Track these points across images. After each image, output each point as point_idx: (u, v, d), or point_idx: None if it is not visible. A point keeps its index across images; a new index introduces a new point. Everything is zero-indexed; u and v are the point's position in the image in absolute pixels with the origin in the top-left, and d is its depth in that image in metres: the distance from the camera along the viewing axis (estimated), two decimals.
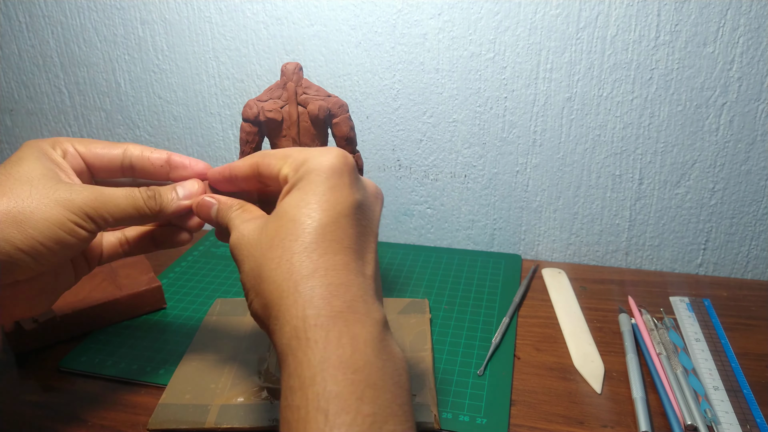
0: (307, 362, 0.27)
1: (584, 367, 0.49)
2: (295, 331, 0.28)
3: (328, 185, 0.31)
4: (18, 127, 0.80)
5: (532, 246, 0.70)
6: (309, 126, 0.43)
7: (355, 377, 0.27)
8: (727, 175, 0.61)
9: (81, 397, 0.47)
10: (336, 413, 0.26)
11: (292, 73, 0.42)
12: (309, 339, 0.27)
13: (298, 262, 0.29)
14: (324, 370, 0.27)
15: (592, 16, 0.58)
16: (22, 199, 0.33)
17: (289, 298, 0.29)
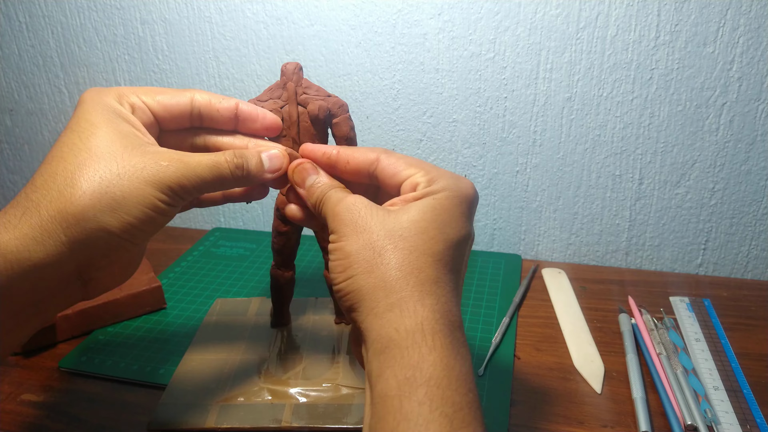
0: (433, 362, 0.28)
1: (584, 367, 0.49)
2: (420, 326, 0.29)
3: (460, 210, 0.33)
4: (18, 127, 0.80)
5: (532, 246, 0.70)
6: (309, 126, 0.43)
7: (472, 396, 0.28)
8: (727, 175, 0.61)
9: (81, 397, 0.47)
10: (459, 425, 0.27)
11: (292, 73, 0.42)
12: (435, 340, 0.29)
13: (425, 265, 0.31)
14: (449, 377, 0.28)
15: (592, 16, 0.58)
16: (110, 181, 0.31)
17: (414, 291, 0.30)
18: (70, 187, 0.31)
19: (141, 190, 0.32)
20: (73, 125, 0.34)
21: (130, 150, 0.33)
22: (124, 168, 0.32)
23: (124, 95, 0.36)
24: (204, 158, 0.34)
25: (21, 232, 0.30)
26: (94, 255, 0.32)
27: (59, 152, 0.33)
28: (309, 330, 0.52)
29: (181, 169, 0.33)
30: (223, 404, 0.44)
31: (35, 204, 0.31)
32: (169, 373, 0.48)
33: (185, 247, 0.72)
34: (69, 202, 0.31)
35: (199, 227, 0.79)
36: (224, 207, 0.77)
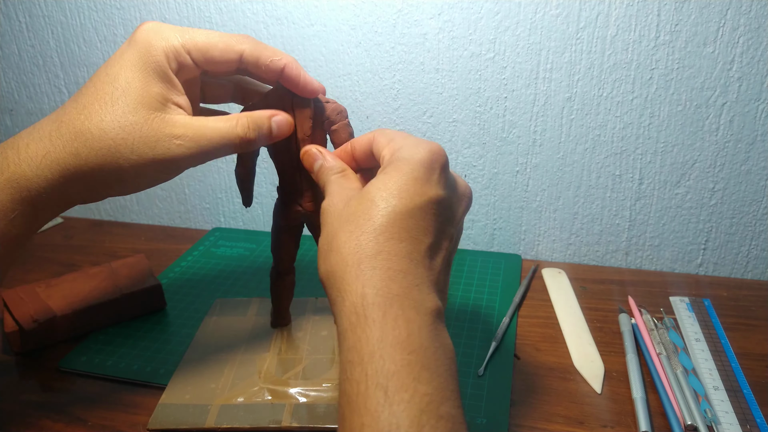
0: (366, 339, 0.28)
1: (584, 367, 0.49)
2: (354, 307, 0.30)
3: (412, 176, 0.32)
4: (18, 127, 0.80)
5: (532, 246, 0.70)
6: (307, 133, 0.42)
7: (411, 358, 0.28)
8: (727, 175, 0.61)
9: (81, 397, 0.47)
10: (395, 390, 0.27)
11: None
12: (367, 317, 0.29)
13: (365, 242, 0.31)
14: (382, 348, 0.28)
15: (592, 16, 0.58)
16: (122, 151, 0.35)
17: (351, 273, 0.31)
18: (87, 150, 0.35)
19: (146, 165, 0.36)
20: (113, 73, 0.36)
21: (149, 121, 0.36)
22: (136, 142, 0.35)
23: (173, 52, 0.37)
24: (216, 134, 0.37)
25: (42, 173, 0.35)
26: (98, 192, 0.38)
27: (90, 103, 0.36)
28: (309, 330, 0.52)
29: (190, 149, 0.36)
30: (223, 404, 0.44)
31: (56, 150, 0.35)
32: (169, 373, 0.48)
33: (185, 247, 0.72)
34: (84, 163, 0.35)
35: (199, 227, 0.79)
36: (224, 207, 0.77)
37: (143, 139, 0.36)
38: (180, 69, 0.38)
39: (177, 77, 0.38)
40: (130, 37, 0.37)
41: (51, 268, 0.67)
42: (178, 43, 0.37)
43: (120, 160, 0.36)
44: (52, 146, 0.36)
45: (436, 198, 0.33)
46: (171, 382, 0.47)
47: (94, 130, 0.35)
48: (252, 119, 0.38)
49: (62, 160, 0.35)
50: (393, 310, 0.29)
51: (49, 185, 0.36)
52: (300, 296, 0.56)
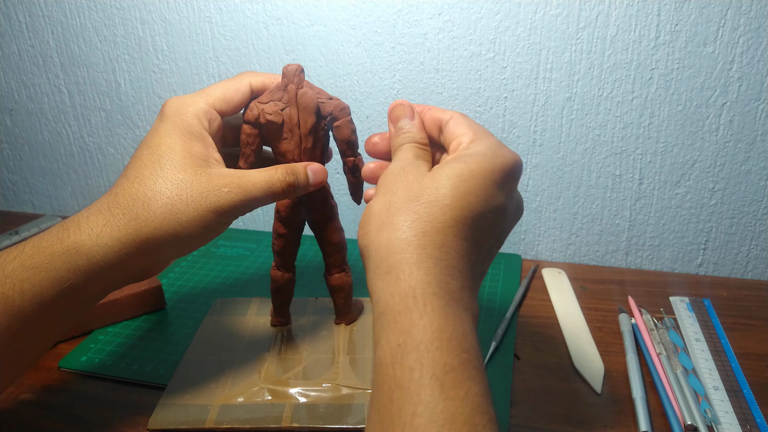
0: (424, 327, 0.28)
1: (584, 367, 0.49)
2: (412, 290, 0.29)
3: (493, 179, 0.32)
4: (18, 127, 0.80)
5: (532, 246, 0.70)
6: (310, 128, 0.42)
7: (466, 356, 0.28)
8: (727, 175, 0.61)
9: (81, 397, 0.47)
10: (451, 386, 0.27)
11: (293, 75, 0.42)
12: (426, 305, 0.29)
13: (433, 230, 0.31)
14: (441, 340, 0.28)
15: (592, 16, 0.58)
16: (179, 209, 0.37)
17: (414, 255, 0.30)
18: (146, 212, 0.37)
19: (203, 216, 0.37)
20: (153, 142, 0.39)
21: (199, 177, 0.38)
22: (192, 196, 0.37)
23: (202, 112, 0.40)
24: (259, 180, 0.39)
25: (102, 241, 0.36)
26: (155, 261, 0.39)
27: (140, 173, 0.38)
28: (309, 330, 0.52)
29: (239, 194, 0.38)
30: (223, 404, 0.44)
31: (116, 219, 0.37)
32: (169, 373, 0.48)
33: None
34: (144, 225, 0.37)
35: None
36: None
37: (196, 192, 0.37)
38: (210, 125, 0.41)
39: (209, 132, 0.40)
40: (159, 114, 0.40)
41: None
42: (203, 103, 0.40)
43: (178, 215, 0.37)
44: (111, 216, 0.37)
45: (505, 207, 0.33)
46: (171, 382, 0.47)
47: (149, 193, 0.37)
48: (290, 168, 0.40)
49: (122, 227, 0.37)
50: (450, 306, 0.29)
51: (108, 254, 0.37)
52: (300, 296, 0.56)
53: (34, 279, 0.35)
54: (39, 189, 0.83)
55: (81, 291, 0.37)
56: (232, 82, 0.42)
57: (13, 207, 0.86)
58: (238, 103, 0.42)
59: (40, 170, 0.82)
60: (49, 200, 0.84)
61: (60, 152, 0.80)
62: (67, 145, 0.79)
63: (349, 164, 0.44)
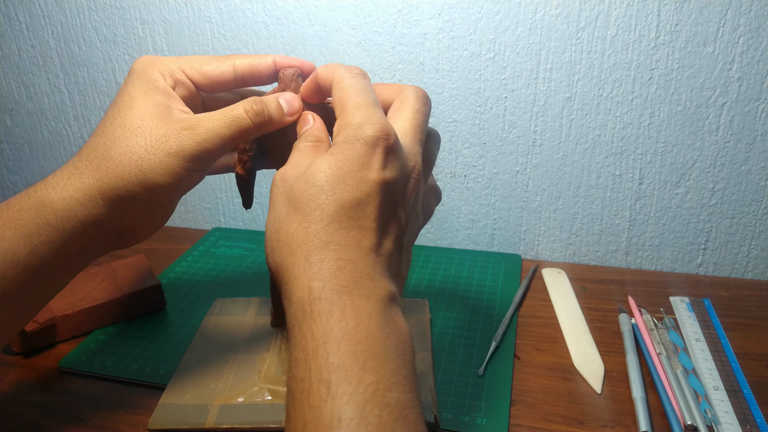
0: (311, 335, 0.28)
1: (584, 367, 0.49)
2: (300, 303, 0.29)
3: (358, 161, 0.31)
4: (18, 127, 0.80)
5: (532, 246, 0.70)
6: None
7: (357, 348, 0.27)
8: (727, 175, 0.61)
9: (81, 397, 0.47)
10: (338, 383, 0.27)
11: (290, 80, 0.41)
12: (313, 312, 0.28)
13: (314, 233, 0.30)
14: (326, 342, 0.28)
15: (592, 16, 0.58)
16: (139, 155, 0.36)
17: (299, 266, 0.30)
18: (107, 161, 0.36)
19: (165, 161, 0.36)
20: (118, 98, 0.38)
21: (157, 121, 0.36)
22: (150, 141, 0.36)
23: (169, 71, 0.39)
24: (219, 115, 0.37)
25: (67, 194, 0.36)
26: (128, 216, 0.37)
27: (102, 126, 0.37)
28: None
29: (201, 133, 0.36)
30: (223, 404, 0.44)
31: (79, 171, 0.36)
32: (169, 373, 0.48)
33: (185, 247, 0.72)
34: (105, 173, 0.36)
35: (199, 227, 0.79)
36: (224, 207, 0.77)
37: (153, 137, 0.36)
38: (177, 84, 0.39)
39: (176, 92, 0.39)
40: (129, 71, 0.39)
41: None
42: (173, 64, 0.39)
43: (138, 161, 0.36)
44: (75, 169, 0.37)
45: (381, 182, 0.31)
46: (171, 382, 0.47)
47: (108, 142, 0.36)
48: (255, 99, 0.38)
49: (85, 178, 0.36)
50: (341, 301, 0.29)
51: (76, 208, 0.36)
52: None
53: (5, 236, 0.34)
54: None
55: (56, 250, 0.36)
56: (214, 58, 0.41)
57: None
58: (215, 79, 0.40)
59: (40, 170, 0.82)
60: None
61: (60, 152, 0.80)
62: (67, 145, 0.79)
63: None
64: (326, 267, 0.30)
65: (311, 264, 0.30)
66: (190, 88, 0.40)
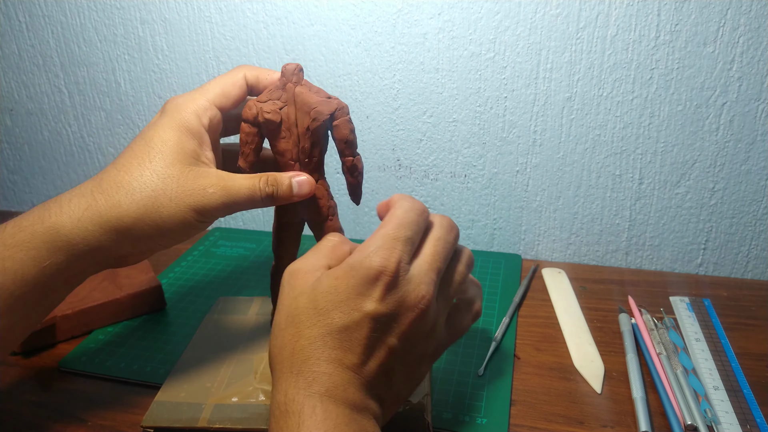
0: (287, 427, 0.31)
1: (584, 367, 0.49)
2: (278, 404, 0.32)
3: (356, 291, 0.33)
4: (18, 127, 0.80)
5: (532, 246, 0.70)
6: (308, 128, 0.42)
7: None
8: (727, 175, 0.61)
9: (81, 397, 0.47)
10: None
11: (291, 74, 0.42)
12: (288, 411, 0.32)
13: (300, 348, 0.33)
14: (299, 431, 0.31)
15: (592, 16, 0.58)
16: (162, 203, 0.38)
17: (284, 372, 0.33)
18: (128, 201, 0.38)
19: (184, 213, 0.38)
20: (148, 135, 0.40)
21: (186, 174, 0.39)
22: (175, 192, 0.38)
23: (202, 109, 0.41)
24: (243, 186, 0.40)
25: (82, 225, 0.37)
26: (133, 248, 0.39)
27: (129, 162, 0.39)
28: None
29: (223, 197, 0.39)
30: (217, 403, 0.44)
31: (97, 203, 0.38)
32: (168, 373, 0.48)
33: (185, 247, 0.72)
34: (125, 214, 0.37)
35: None
36: None
37: (180, 189, 0.38)
38: (210, 122, 0.41)
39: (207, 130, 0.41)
40: (160, 110, 0.41)
41: None
42: (204, 100, 0.41)
43: (160, 209, 0.38)
44: (93, 200, 0.38)
45: (372, 314, 0.33)
46: (168, 380, 0.47)
47: (134, 183, 0.38)
48: (273, 177, 0.41)
49: (103, 213, 0.37)
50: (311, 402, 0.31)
51: (88, 237, 0.37)
52: None
53: (16, 257, 0.36)
54: (39, 189, 0.83)
55: (62, 271, 0.38)
56: (228, 76, 0.43)
57: (13, 207, 0.86)
58: (237, 96, 0.43)
59: (40, 170, 0.82)
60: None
61: (60, 152, 0.80)
62: (67, 145, 0.79)
63: (348, 164, 0.44)
64: (302, 377, 0.32)
65: (292, 374, 0.33)
66: (219, 118, 0.42)
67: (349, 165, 0.44)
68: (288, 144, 0.43)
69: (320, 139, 0.43)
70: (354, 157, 0.44)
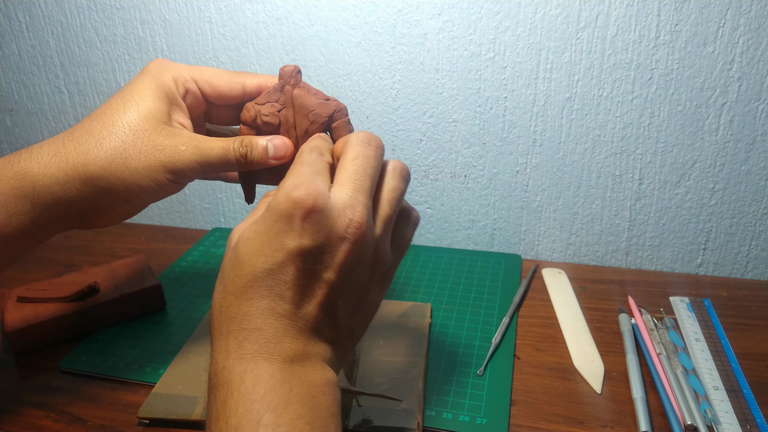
0: (214, 402, 0.30)
1: (584, 367, 0.49)
2: (210, 375, 0.31)
3: (274, 229, 0.31)
4: (18, 127, 0.80)
5: (532, 246, 0.70)
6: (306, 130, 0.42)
7: (253, 407, 0.29)
8: (727, 175, 0.61)
9: (81, 397, 0.47)
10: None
11: (289, 76, 0.41)
12: (218, 383, 0.30)
13: (227, 305, 0.32)
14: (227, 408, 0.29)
15: (592, 16, 0.58)
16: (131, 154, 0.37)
17: (215, 338, 0.32)
18: (96, 149, 0.37)
19: (153, 167, 0.37)
20: (125, 91, 0.39)
21: (158, 130, 0.38)
22: (146, 146, 0.37)
23: (182, 79, 0.40)
24: (216, 146, 0.38)
25: (49, 171, 0.37)
26: (96, 203, 0.39)
27: (103, 113, 0.38)
28: None
29: (195, 154, 0.38)
30: None
31: (66, 150, 0.37)
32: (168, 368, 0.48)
33: (185, 247, 0.72)
34: (92, 161, 0.37)
35: (199, 227, 0.79)
36: (224, 207, 0.77)
37: (151, 143, 0.37)
38: (186, 94, 0.41)
39: (184, 101, 0.41)
40: (143, 69, 0.40)
41: (51, 268, 0.67)
42: (186, 72, 0.41)
43: (128, 160, 0.37)
44: (63, 147, 0.37)
45: (297, 249, 0.31)
46: (166, 372, 0.47)
47: (105, 132, 0.37)
48: (248, 139, 0.39)
49: (71, 159, 0.37)
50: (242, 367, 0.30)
51: (53, 185, 0.37)
52: None
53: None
54: None
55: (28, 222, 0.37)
56: (227, 73, 0.42)
57: None
58: (224, 94, 0.42)
59: None
60: None
61: None
62: None
63: None
64: (232, 339, 0.31)
65: (222, 336, 0.31)
66: (199, 98, 0.42)
67: None
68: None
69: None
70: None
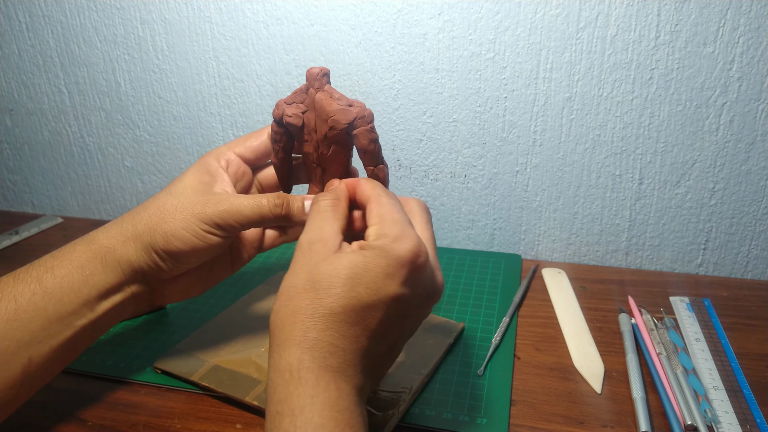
0: (298, 395, 0.31)
1: (584, 367, 0.49)
2: (289, 366, 0.32)
3: (385, 272, 0.34)
4: (18, 127, 0.80)
5: (532, 246, 0.70)
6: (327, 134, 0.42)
7: (338, 416, 0.31)
8: (727, 175, 0.61)
9: (81, 397, 0.47)
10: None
11: (314, 78, 0.41)
12: (301, 378, 0.32)
13: (320, 316, 0.33)
14: (312, 405, 0.31)
15: (592, 16, 0.58)
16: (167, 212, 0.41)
17: (297, 337, 0.33)
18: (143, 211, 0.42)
19: (187, 219, 0.41)
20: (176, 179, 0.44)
21: (195, 192, 0.42)
22: (182, 203, 0.41)
23: (223, 154, 0.45)
24: (248, 197, 0.42)
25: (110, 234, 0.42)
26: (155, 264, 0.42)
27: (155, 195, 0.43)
28: None
29: (225, 205, 0.41)
30: (217, 364, 0.47)
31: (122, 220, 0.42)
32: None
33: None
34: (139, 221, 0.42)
35: None
36: None
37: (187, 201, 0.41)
38: (228, 165, 0.45)
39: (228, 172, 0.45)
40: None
41: None
42: (225, 147, 0.46)
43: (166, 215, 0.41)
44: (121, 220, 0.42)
45: (397, 295, 0.34)
46: (194, 333, 0.52)
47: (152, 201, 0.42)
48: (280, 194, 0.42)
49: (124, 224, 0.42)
50: (326, 377, 0.32)
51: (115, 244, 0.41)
52: None
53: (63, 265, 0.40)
54: (39, 189, 0.83)
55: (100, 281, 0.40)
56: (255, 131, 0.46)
57: (13, 207, 0.86)
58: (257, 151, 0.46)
59: (40, 170, 0.82)
60: (49, 200, 0.84)
61: (60, 152, 0.80)
62: (67, 145, 0.79)
63: (368, 174, 0.43)
64: (320, 347, 0.33)
65: (307, 339, 0.33)
66: (241, 166, 0.46)
67: (369, 175, 0.43)
68: (309, 148, 0.43)
69: (342, 146, 0.42)
70: (375, 167, 0.42)
